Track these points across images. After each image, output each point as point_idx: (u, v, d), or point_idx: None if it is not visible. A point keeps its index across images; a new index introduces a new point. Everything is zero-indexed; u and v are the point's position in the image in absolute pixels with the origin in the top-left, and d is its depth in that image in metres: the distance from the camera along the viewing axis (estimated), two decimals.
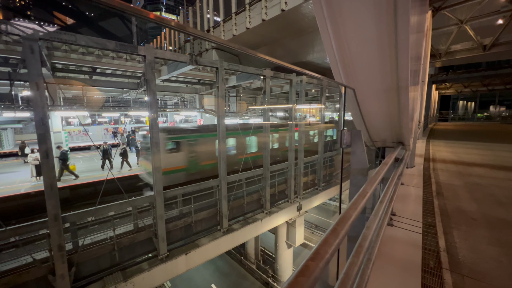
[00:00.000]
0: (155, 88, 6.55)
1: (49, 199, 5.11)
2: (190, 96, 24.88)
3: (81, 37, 5.46)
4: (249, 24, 15.40)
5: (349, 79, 3.02)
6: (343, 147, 2.46)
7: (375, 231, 2.10)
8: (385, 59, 2.67)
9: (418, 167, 8.04)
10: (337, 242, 0.83)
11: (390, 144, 3.98)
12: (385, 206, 2.35)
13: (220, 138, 8.24)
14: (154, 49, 6.49)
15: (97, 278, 6.14)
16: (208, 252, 8.03)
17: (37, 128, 4.99)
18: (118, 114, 26.77)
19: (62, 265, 5.30)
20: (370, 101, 3.27)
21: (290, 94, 11.33)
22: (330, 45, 2.76)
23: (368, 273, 1.47)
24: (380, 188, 4.14)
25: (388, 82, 2.88)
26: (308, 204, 12.63)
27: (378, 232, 2.21)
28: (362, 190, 1.43)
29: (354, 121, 3.90)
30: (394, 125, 3.56)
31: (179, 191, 7.73)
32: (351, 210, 1.10)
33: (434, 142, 14.55)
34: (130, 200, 6.61)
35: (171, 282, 14.19)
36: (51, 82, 12.06)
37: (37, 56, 4.93)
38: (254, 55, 1.17)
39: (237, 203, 9.57)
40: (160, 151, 6.77)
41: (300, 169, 11.90)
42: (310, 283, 0.60)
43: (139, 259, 6.97)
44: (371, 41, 2.57)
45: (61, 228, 5.27)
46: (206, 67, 14.66)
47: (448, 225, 4.09)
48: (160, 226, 6.82)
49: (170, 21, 0.80)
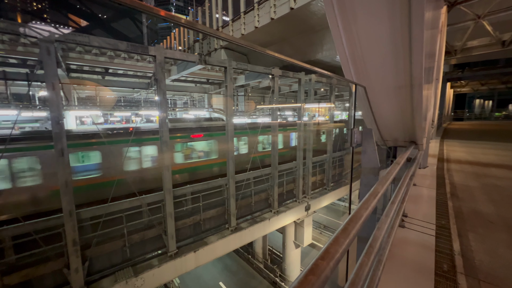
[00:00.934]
0: (165, 88, 6.65)
1: (64, 195, 5.30)
2: (199, 96, 25.14)
3: (94, 38, 5.61)
4: (258, 23, 15.37)
5: (359, 76, 2.96)
6: (354, 146, 2.41)
7: (386, 232, 2.05)
8: (398, 56, 2.59)
9: (431, 167, 7.80)
10: (347, 241, 0.81)
11: (402, 144, 3.87)
12: (396, 207, 2.29)
13: (229, 137, 8.29)
14: (164, 49, 6.59)
15: (109, 273, 6.31)
16: (216, 250, 8.10)
17: (53, 127, 5.17)
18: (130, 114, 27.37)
19: (76, 259, 5.48)
20: (382, 99, 3.19)
21: (299, 93, 11.24)
22: (340, 42, 2.71)
23: (378, 274, 1.44)
24: (391, 189, 4.05)
25: (400, 80, 2.80)
26: (317, 204, 12.52)
27: (389, 233, 2.16)
28: (373, 189, 1.40)
29: (365, 120, 3.82)
30: (407, 124, 3.46)
31: (188, 189, 7.83)
32: (362, 209, 1.08)
33: (449, 142, 14.07)
34: (141, 197, 6.76)
35: (180, 279, 14.41)
36: (66, 82, 12.48)
37: (53, 57, 5.10)
38: (263, 52, 1.16)
39: (245, 202, 9.60)
40: (169, 149, 6.88)
41: (309, 168, 11.80)
42: (320, 282, 0.59)
43: (149, 255, 7.11)
44: (384, 38, 2.50)
45: (75, 223, 5.45)
46: (215, 66, 14.79)
47: (463, 228, 3.95)
48: (170, 224, 6.93)
49: (180, 18, 0.81)
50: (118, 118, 29.99)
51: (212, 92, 20.39)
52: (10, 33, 6.64)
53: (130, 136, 8.32)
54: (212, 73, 16.22)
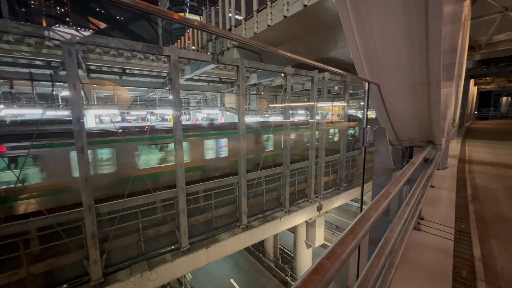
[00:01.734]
0: (178, 87, 6.80)
1: (84, 190, 5.57)
2: (212, 95, 25.42)
3: (112, 40, 5.83)
4: (271, 21, 15.30)
5: (373, 74, 2.86)
6: (366, 145, 2.35)
7: (399, 235, 1.99)
8: (413, 53, 2.48)
9: (451, 168, 7.45)
10: (355, 242, 0.80)
11: (418, 144, 3.72)
12: (411, 208, 2.21)
13: (240, 136, 8.34)
14: (178, 49, 6.73)
15: (125, 266, 6.57)
16: (227, 247, 8.20)
17: (74, 125, 5.44)
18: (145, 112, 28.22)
19: (94, 251, 5.76)
20: (396, 97, 3.07)
21: (312, 91, 11.09)
22: (353, 39, 2.64)
23: (390, 277, 1.40)
24: (406, 190, 3.91)
25: (416, 77, 2.68)
26: (329, 204, 12.33)
27: (402, 236, 2.10)
28: (385, 190, 1.36)
29: (379, 119, 3.70)
30: (424, 123, 3.31)
31: (200, 187, 7.98)
32: (372, 210, 1.06)
33: (471, 142, 13.35)
34: (155, 194, 6.97)
35: (192, 275, 14.73)
36: (86, 83, 13.06)
37: (74, 58, 5.36)
38: (275, 52, 1.16)
39: (256, 200, 9.63)
40: (183, 147, 7.03)
41: (321, 168, 11.64)
42: (323, 282, 0.59)
43: (163, 250, 7.33)
44: (398, 34, 2.40)
45: (94, 217, 5.72)
46: (228, 65, 14.89)
47: (485, 233, 3.75)
48: (182, 220, 7.09)
49: (193, 21, 0.83)
50: (134, 116, 31.03)
51: (224, 91, 20.56)
52: (36, 36, 7.05)
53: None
54: (225, 72, 16.35)
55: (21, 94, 19.16)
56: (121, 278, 6.17)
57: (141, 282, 6.37)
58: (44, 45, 10.03)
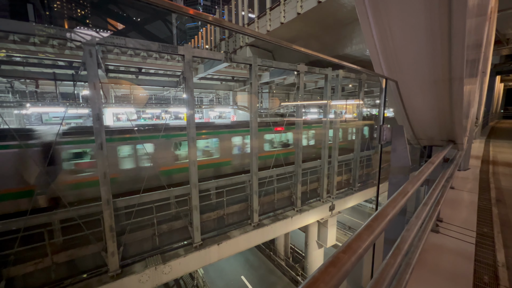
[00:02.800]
0: (192, 86, 6.92)
1: (102, 185, 5.81)
2: (224, 93, 25.64)
3: (130, 40, 6.02)
4: (284, 18, 15.16)
5: (391, 70, 2.77)
6: (382, 143, 2.28)
7: (416, 235, 1.93)
8: (435, 48, 2.37)
9: (473, 170, 7.09)
10: (371, 238, 0.79)
11: (438, 143, 3.56)
12: (429, 209, 2.14)
13: (253, 134, 8.37)
14: (192, 48, 6.84)
15: (140, 259, 6.82)
16: (239, 244, 8.28)
17: (94, 123, 5.68)
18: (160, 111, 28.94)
19: (112, 243, 6.01)
20: (416, 94, 2.95)
21: (325, 89, 10.90)
22: (370, 34, 2.56)
23: (406, 278, 1.37)
24: (424, 191, 3.77)
25: (437, 73, 2.56)
26: (342, 204, 12.11)
27: (420, 237, 2.03)
28: (402, 188, 1.33)
29: (396, 117, 3.57)
30: (444, 121, 3.16)
31: (212, 184, 8.10)
32: (389, 208, 1.03)
33: (496, 142, 12.61)
34: (169, 190, 7.16)
35: (204, 270, 15.00)
36: (105, 82, 13.58)
37: (94, 59, 5.59)
38: (289, 47, 1.16)
39: (268, 198, 9.64)
40: (196, 145, 7.16)
41: (334, 167, 11.44)
42: (340, 274, 0.59)
43: (176, 245, 7.52)
44: (419, 28, 2.30)
45: (112, 211, 5.96)
46: (240, 64, 14.95)
47: (509, 238, 3.55)
48: (195, 216, 7.24)
49: (208, 16, 0.84)
50: (149, 115, 31.90)
51: (237, 89, 20.67)
52: (59, 38, 7.40)
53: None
54: (238, 71, 16.42)
55: (45, 93, 20.25)
56: (137, 270, 6.40)
57: (155, 275, 6.58)
58: (67, 46, 10.53)
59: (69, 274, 5.95)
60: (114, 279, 6.04)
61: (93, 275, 6.12)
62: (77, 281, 5.92)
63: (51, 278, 5.70)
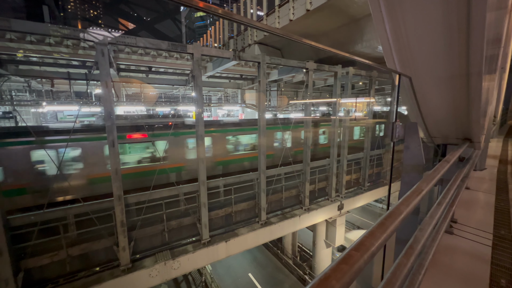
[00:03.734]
0: (201, 84, 6.97)
1: (114, 182, 5.96)
2: (233, 91, 25.71)
3: (140, 40, 6.12)
4: (293, 15, 15.01)
5: (404, 66, 2.67)
6: (395, 141, 2.21)
7: (429, 236, 1.88)
8: (452, 42, 2.27)
9: (490, 170, 6.82)
10: (384, 236, 0.76)
11: (453, 141, 3.43)
12: (443, 210, 2.07)
13: (260, 132, 8.36)
14: (201, 47, 6.88)
15: (150, 254, 6.96)
16: (246, 242, 8.32)
17: (106, 121, 5.82)
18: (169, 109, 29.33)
19: (123, 239, 6.16)
20: (430, 90, 2.84)
21: (335, 87, 10.74)
22: (383, 28, 2.48)
23: (419, 279, 1.33)
24: (438, 191, 3.66)
25: (454, 68, 2.46)
26: (351, 203, 11.94)
27: (433, 238, 1.97)
28: (416, 187, 1.28)
29: (409, 114, 3.46)
30: (460, 119, 3.04)
31: (220, 181, 8.16)
32: (402, 206, 1.00)
33: None
34: (179, 187, 7.26)
35: (212, 266, 15.18)
36: (117, 81, 13.89)
37: (106, 58, 5.72)
38: (299, 41, 1.14)
39: (275, 197, 9.63)
40: (204, 143, 7.22)
41: (343, 166, 11.28)
42: (352, 272, 0.58)
43: (185, 241, 7.63)
44: (435, 21, 2.21)
45: (123, 207, 6.11)
46: (249, 62, 14.92)
47: None
48: (203, 213, 7.32)
49: (217, 9, 0.84)
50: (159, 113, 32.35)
51: (245, 87, 20.68)
52: (73, 38, 7.62)
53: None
54: (246, 69, 16.43)
55: (60, 92, 20.91)
56: (147, 265, 6.55)
57: (164, 270, 6.71)
58: (80, 46, 10.82)
59: (83, 267, 6.16)
60: (125, 273, 6.20)
61: (105, 268, 6.30)
62: (90, 273, 6.12)
63: (66, 270, 5.91)
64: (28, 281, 5.50)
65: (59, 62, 13.02)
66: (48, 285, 5.70)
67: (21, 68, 13.08)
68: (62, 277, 5.88)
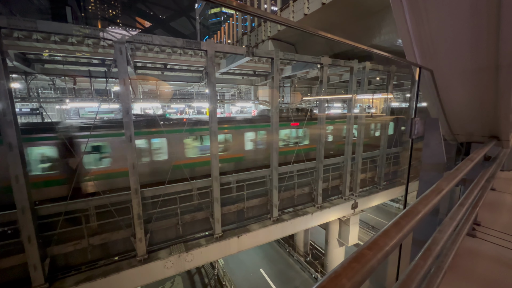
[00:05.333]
0: (214, 81, 7.02)
1: (131, 176, 6.19)
2: (246, 88, 25.74)
3: (156, 37, 6.24)
4: (307, 9, 14.68)
5: (425, 58, 2.52)
6: (413, 137, 2.11)
7: (449, 238, 1.78)
8: (480, 31, 2.10)
9: None
10: (399, 236, 0.73)
11: (478, 139, 3.21)
12: (466, 211, 1.96)
13: (274, 129, 8.31)
14: (215, 43, 6.91)
15: (165, 246, 7.20)
16: (258, 237, 8.37)
17: (124, 117, 6.03)
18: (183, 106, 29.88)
19: (140, 230, 6.41)
20: (454, 84, 2.66)
21: (350, 83, 10.43)
22: (403, 19, 2.34)
23: (437, 282, 1.27)
24: (460, 192, 3.47)
25: (481, 60, 2.28)
26: (365, 203, 11.65)
27: (454, 240, 1.88)
28: (436, 185, 1.22)
29: (429, 110, 3.28)
30: (487, 115, 2.83)
31: (233, 177, 8.23)
32: (420, 205, 0.95)
33: None
34: (192, 182, 7.41)
35: (224, 261, 15.45)
36: (134, 78, 14.33)
37: (124, 56, 5.90)
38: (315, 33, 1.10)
39: (288, 194, 9.58)
40: (217, 139, 7.30)
41: (358, 164, 10.99)
42: (364, 271, 0.55)
43: (198, 235, 7.81)
44: (461, 8, 2.05)
45: (140, 200, 6.34)
46: (262, 58, 14.84)
47: None
48: (216, 208, 7.44)
49: (231, 1, 0.82)
50: (174, 109, 33.08)
51: (258, 84, 20.61)
52: (93, 37, 7.93)
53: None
54: (259, 65, 16.35)
55: (82, 90, 21.93)
56: (162, 256, 6.78)
57: (178, 262, 6.92)
58: (100, 45, 11.24)
59: (102, 256, 6.48)
60: (142, 263, 6.46)
61: (123, 258, 6.60)
62: (109, 262, 6.44)
63: (87, 258, 6.25)
64: (53, 267, 5.87)
65: (80, 61, 13.63)
66: (72, 271, 6.06)
67: (46, 67, 13.83)
68: (84, 265, 6.23)
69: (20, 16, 7.27)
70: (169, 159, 9.39)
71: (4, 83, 4.73)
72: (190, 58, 13.82)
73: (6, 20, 4.77)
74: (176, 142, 9.63)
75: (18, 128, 5.04)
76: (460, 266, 2.50)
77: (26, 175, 5.16)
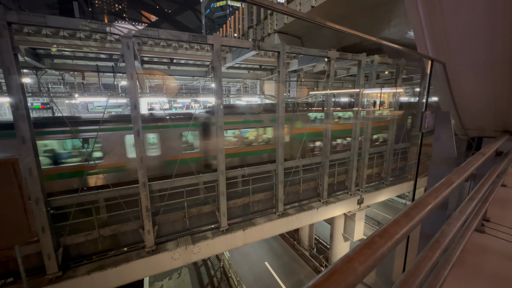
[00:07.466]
0: (220, 75, 7.01)
1: (139, 169, 6.31)
2: (252, 82, 25.60)
3: (162, 32, 6.24)
4: (315, 1, 14.37)
5: (438, 51, 2.45)
6: (423, 131, 2.07)
7: (458, 232, 1.78)
8: (496, 22, 2.03)
9: None
10: (409, 225, 0.74)
11: (490, 133, 3.13)
12: (475, 206, 1.94)
13: (279, 124, 8.29)
14: (221, 37, 6.87)
15: (172, 238, 7.36)
16: (263, 231, 8.47)
17: (131, 111, 6.11)
18: (189, 100, 30.01)
19: (148, 222, 6.56)
20: (467, 77, 2.58)
21: (358, 77, 10.26)
22: (415, 11, 2.28)
23: (444, 274, 1.27)
24: (470, 187, 3.42)
25: (497, 52, 2.21)
26: (371, 198, 11.59)
27: (462, 234, 1.87)
28: (446, 178, 1.21)
29: (441, 103, 3.20)
30: (500, 108, 2.75)
31: (239, 172, 8.29)
32: (430, 197, 0.96)
33: None
34: (199, 175, 7.51)
35: (230, 253, 15.70)
36: (141, 73, 14.43)
37: (131, 51, 5.93)
38: (323, 24, 1.10)
39: (293, 188, 9.61)
40: (223, 134, 7.33)
41: (364, 159, 10.90)
42: (375, 257, 0.57)
43: (204, 228, 7.95)
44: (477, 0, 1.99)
45: (148, 193, 6.47)
46: (268, 52, 14.70)
47: None
48: (222, 202, 7.53)
49: None
50: (180, 104, 33.26)
51: (264, 78, 20.47)
52: (100, 32, 7.99)
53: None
54: (265, 59, 16.21)
55: (90, 84, 22.24)
56: (169, 248, 6.94)
57: (185, 254, 7.08)
58: (107, 40, 11.31)
59: (112, 246, 6.69)
60: (150, 254, 6.64)
61: (132, 249, 6.79)
62: (119, 253, 6.64)
63: (98, 249, 6.46)
64: (66, 256, 6.09)
65: (88, 56, 13.77)
66: (83, 260, 6.28)
67: (55, 62, 14.03)
68: (95, 254, 6.45)
69: (28, 11, 7.38)
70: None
71: (17, 77, 4.84)
72: (196, 52, 13.80)
73: (16, 16, 4.85)
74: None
75: (31, 121, 5.18)
76: (468, 260, 2.49)
77: (39, 167, 5.32)
